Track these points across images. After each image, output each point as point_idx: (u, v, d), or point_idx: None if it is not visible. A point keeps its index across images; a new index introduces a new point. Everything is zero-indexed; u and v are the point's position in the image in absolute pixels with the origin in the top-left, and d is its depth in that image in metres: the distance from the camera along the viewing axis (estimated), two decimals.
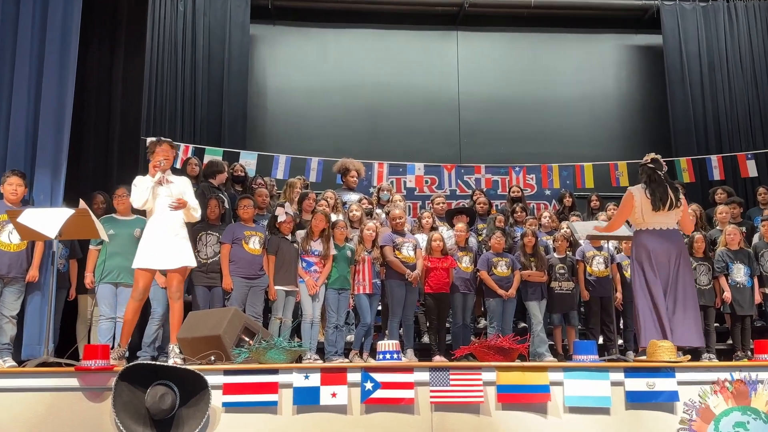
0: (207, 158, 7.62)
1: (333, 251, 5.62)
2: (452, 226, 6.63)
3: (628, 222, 5.31)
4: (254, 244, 5.46)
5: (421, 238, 6.24)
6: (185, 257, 4.49)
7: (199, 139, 8.74)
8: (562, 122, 9.97)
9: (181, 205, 4.43)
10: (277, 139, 9.55)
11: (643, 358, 4.44)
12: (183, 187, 4.61)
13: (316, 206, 6.15)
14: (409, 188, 8.92)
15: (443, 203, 7.17)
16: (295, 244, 5.62)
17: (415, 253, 5.90)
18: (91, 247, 5.44)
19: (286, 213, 5.62)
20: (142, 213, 4.82)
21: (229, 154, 8.26)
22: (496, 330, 5.80)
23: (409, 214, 8.57)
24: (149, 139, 4.75)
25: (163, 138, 4.69)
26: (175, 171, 4.91)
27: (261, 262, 5.46)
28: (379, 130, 9.85)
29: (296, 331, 5.52)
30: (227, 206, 5.94)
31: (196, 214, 4.58)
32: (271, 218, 5.74)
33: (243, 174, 6.99)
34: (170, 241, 4.45)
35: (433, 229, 6.40)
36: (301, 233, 5.69)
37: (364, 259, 5.72)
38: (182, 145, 8.02)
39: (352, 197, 7.10)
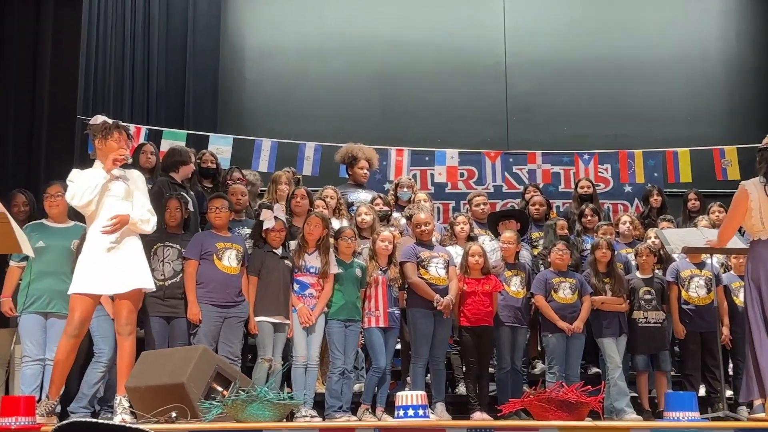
0: (165, 144, 7.68)
1: (335, 269, 5.67)
2: (497, 235, 6.64)
3: (740, 229, 5.29)
4: (230, 261, 5.50)
5: (455, 252, 6.24)
6: (140, 277, 4.56)
7: (154, 119, 8.83)
8: (648, 94, 9.95)
9: (117, 226, 4.55)
10: (260, 118, 9.63)
11: (762, 415, 4.44)
12: (135, 184, 4.72)
13: (310, 208, 6.17)
14: (439, 184, 8.95)
15: (485, 204, 7.18)
16: (286, 261, 5.66)
17: (447, 272, 5.91)
18: (11, 263, 5.51)
19: (275, 217, 5.64)
20: (82, 218, 4.90)
21: (195, 138, 8.33)
22: (557, 377, 5.80)
23: (438, 219, 8.59)
24: (97, 119, 4.81)
25: (119, 122, 4.83)
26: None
27: (239, 284, 5.50)
28: (396, 105, 9.89)
29: (287, 377, 5.54)
30: (192, 209, 5.99)
31: (147, 226, 4.69)
32: (255, 225, 5.76)
33: (214, 165, 7.03)
34: (119, 256, 4.52)
35: (471, 239, 6.41)
36: (293, 245, 5.76)
37: (378, 280, 5.76)
38: (132, 127, 8.08)
39: (362, 196, 7.14)
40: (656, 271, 6.33)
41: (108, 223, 4.52)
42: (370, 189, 7.44)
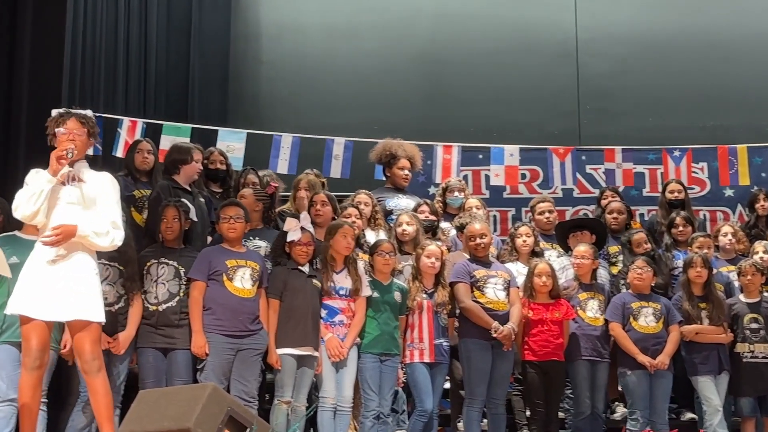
0: (167, 142, 7.76)
1: (367, 290, 5.71)
2: (567, 249, 6.63)
3: None
4: (243, 281, 5.50)
5: (517, 270, 6.23)
6: (85, 306, 4.58)
7: (153, 111, 8.94)
8: (753, 76, 9.83)
9: (59, 237, 4.57)
10: (279, 109, 9.75)
11: None
12: (100, 188, 4.76)
13: (335, 216, 6.23)
14: (495, 187, 8.94)
15: (551, 212, 7.17)
16: (315, 281, 5.70)
17: (508, 294, 5.92)
18: None
19: (302, 228, 5.68)
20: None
21: (201, 133, 8.38)
22: (641, 424, 5.76)
23: (495, 231, 8.60)
24: (55, 112, 4.93)
25: (70, 110, 4.86)
26: (109, 163, 5.01)
27: (255, 309, 5.51)
28: (443, 92, 9.92)
29: (313, 423, 5.54)
30: (195, 218, 6.04)
31: (103, 240, 4.69)
32: (279, 237, 5.81)
33: (224, 166, 7.10)
34: (63, 276, 4.57)
35: (537, 254, 6.40)
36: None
37: (423, 305, 5.79)
38: (125, 121, 8.20)
39: (402, 203, 7.17)
40: (765, 293, 6.26)
41: (48, 237, 4.56)
42: (412, 194, 7.46)
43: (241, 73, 9.83)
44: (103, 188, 4.76)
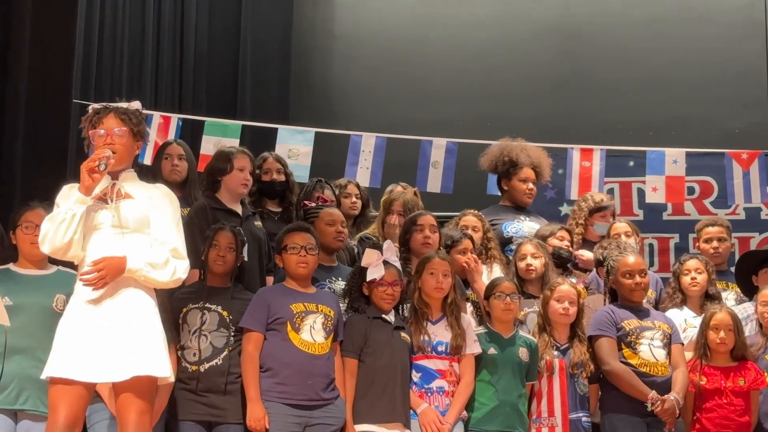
0: (209, 143, 7.94)
1: (476, 347, 5.76)
2: (749, 291, 6.56)
3: None
4: (314, 333, 5.52)
5: (683, 319, 6.20)
6: (148, 359, 4.57)
7: (191, 104, 9.20)
8: None
9: (103, 275, 4.56)
10: (358, 100, 9.88)
11: None
12: (154, 206, 4.79)
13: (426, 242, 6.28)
14: (653, 206, 8.91)
15: (724, 239, 7.13)
16: (403, 334, 5.71)
17: (669, 353, 5.90)
18: None
19: (384, 262, 5.71)
20: (69, 263, 5.00)
21: (255, 133, 8.56)
22: None
23: (652, 265, 8.60)
24: (90, 108, 4.97)
25: (110, 104, 4.89)
26: (143, 172, 5.08)
27: (329, 370, 5.54)
28: (580, 77, 10.00)
29: None
30: (245, 248, 6.10)
31: (164, 274, 4.69)
32: (353, 273, 5.86)
33: (282, 177, 7.16)
34: (114, 324, 4.58)
35: (711, 298, 6.36)
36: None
37: (554, 365, 5.82)
38: (156, 117, 8.32)
39: (526, 227, 7.23)
40: None
41: (86, 270, 4.58)
42: (537, 214, 7.48)
43: (308, 53, 9.91)
44: (158, 205, 4.81)
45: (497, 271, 6.46)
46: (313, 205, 6.68)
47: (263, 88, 9.48)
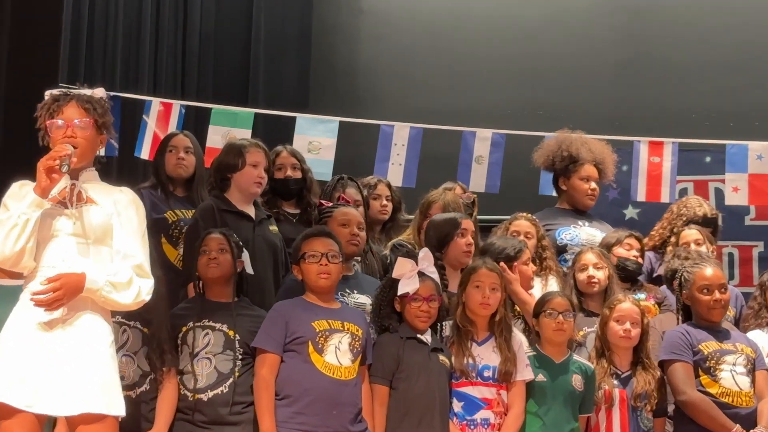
0: (216, 134, 8.00)
1: (527, 372, 5.76)
2: None
3: None
4: (340, 354, 5.47)
5: (766, 340, 6.19)
6: (101, 394, 4.54)
7: (196, 89, 9.27)
8: None
9: (58, 295, 4.47)
10: (388, 85, 9.91)
11: None
12: (118, 213, 4.75)
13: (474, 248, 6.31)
14: (733, 209, 8.73)
15: None
16: (442, 357, 5.67)
17: (752, 380, 5.89)
18: None
19: (419, 273, 5.67)
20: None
21: (269, 122, 8.62)
22: None
23: (732, 279, 8.56)
24: (47, 94, 4.92)
25: (70, 89, 4.90)
26: (130, 169, 4.97)
27: (357, 398, 5.51)
28: (648, 57, 9.98)
29: None
30: (249, 268, 6.01)
31: (126, 296, 4.64)
32: (384, 286, 5.83)
33: (299, 173, 7.12)
34: (66, 350, 4.54)
35: None
36: (448, 328, 5.84)
37: (613, 396, 5.83)
38: (154, 104, 8.35)
39: (584, 233, 7.26)
40: None
41: (39, 289, 4.49)
42: (600, 219, 7.49)
43: (330, 31, 9.90)
44: (122, 212, 4.76)
45: (553, 284, 6.47)
46: (330, 204, 6.56)
47: (279, 70, 9.53)
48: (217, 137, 7.93)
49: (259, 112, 8.55)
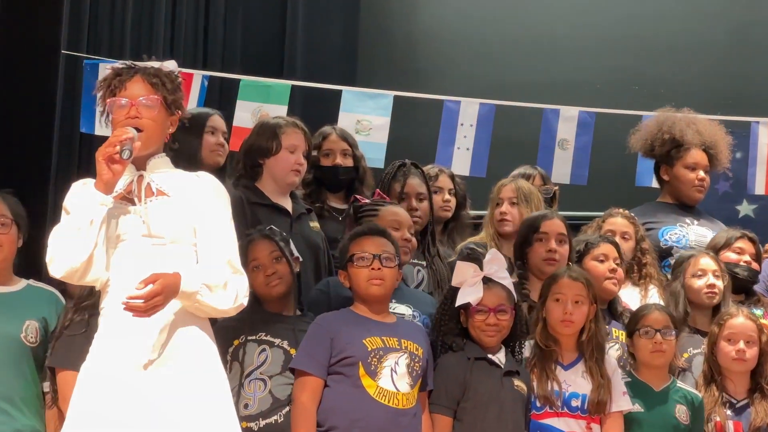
0: (244, 111, 8.09)
1: (624, 402, 5.75)
2: None
3: None
4: (397, 378, 5.43)
5: None
6: (214, 417, 4.58)
7: (221, 58, 9.40)
8: None
9: (158, 300, 4.45)
10: (451, 54, 9.96)
11: None
12: (202, 204, 4.77)
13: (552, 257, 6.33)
14: None
15: None
16: (517, 381, 5.67)
17: None
18: None
19: (485, 279, 5.68)
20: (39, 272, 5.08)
21: (310, 97, 8.68)
22: None
23: None
24: (110, 68, 4.89)
25: (135, 63, 4.85)
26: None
27: (417, 430, 5.51)
28: (764, 22, 9.95)
29: None
30: (296, 264, 6.04)
31: (226, 299, 4.66)
32: (446, 296, 5.83)
33: (350, 161, 7.13)
34: (166, 368, 4.55)
35: None
36: (527, 349, 5.86)
37: (726, 428, 5.88)
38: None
39: (691, 234, 7.24)
40: None
41: (135, 293, 4.43)
42: (710, 216, 7.48)
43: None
44: (204, 202, 4.79)
45: (654, 296, 6.47)
46: (367, 201, 6.53)
47: (321, 37, 9.49)
48: (246, 115, 7.99)
49: (297, 84, 8.58)
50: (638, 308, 6.05)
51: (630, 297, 6.43)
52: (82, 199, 4.55)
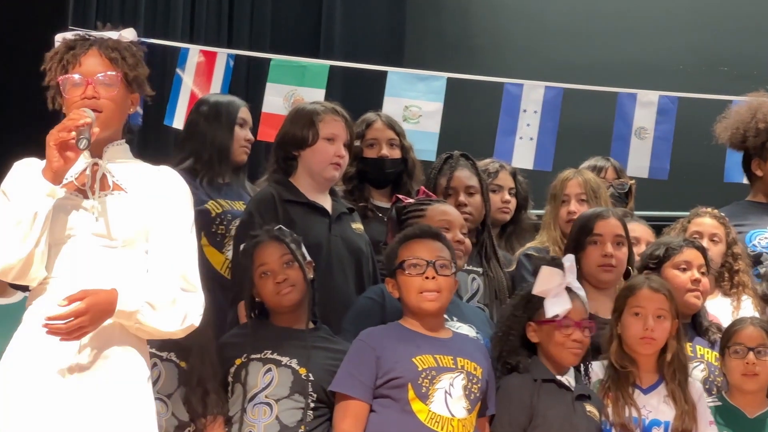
0: (275, 96, 8.08)
1: (711, 430, 5.72)
2: None
3: None
4: (451, 403, 5.39)
5: None
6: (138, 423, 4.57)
7: (248, 34, 9.45)
8: None
9: (83, 321, 4.38)
10: (511, 31, 10.00)
11: None
12: (160, 204, 4.73)
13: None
14: None
15: None
16: (589, 407, 5.66)
17: None
18: None
19: (569, 291, 5.66)
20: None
21: (347, 79, 8.71)
22: None
23: None
24: (60, 38, 4.87)
25: (90, 33, 4.84)
26: (159, 141, 4.97)
27: None
28: None
29: None
30: (311, 263, 6.04)
31: (170, 321, 4.60)
32: (515, 305, 5.81)
33: (397, 152, 7.14)
34: (87, 390, 4.52)
35: None
36: (597, 368, 5.87)
37: None
38: (192, 53, 8.46)
39: None
40: None
41: (56, 312, 4.39)
42: None
43: None
44: (162, 201, 4.73)
45: (748, 308, 6.41)
46: (411, 201, 6.46)
47: (364, 10, 9.49)
48: (277, 100, 8.02)
49: (336, 65, 8.60)
50: (731, 323, 6.02)
51: (720, 309, 6.41)
52: (26, 186, 4.49)
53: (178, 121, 7.96)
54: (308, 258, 5.87)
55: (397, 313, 5.73)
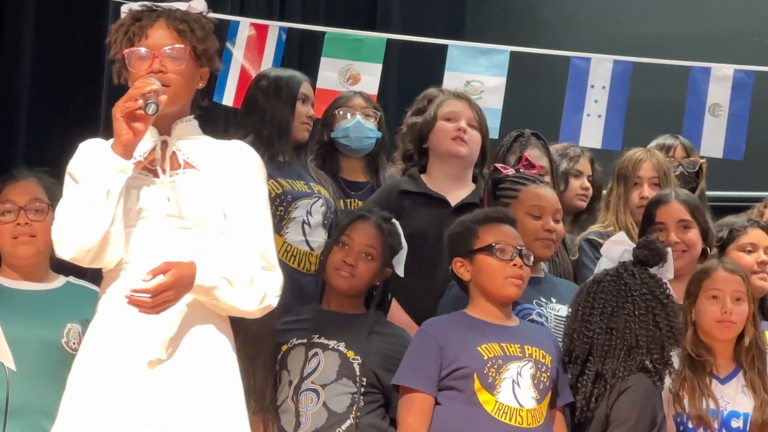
0: (330, 71, 8.13)
1: None
2: None
3: None
4: (519, 393, 5.40)
5: None
6: (224, 420, 4.56)
7: (302, 5, 9.51)
8: None
9: (168, 295, 4.39)
10: (585, 5, 10.07)
11: None
12: (236, 181, 4.72)
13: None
14: None
15: None
16: None
17: None
18: None
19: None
20: (80, 270, 5.05)
21: (404, 53, 8.75)
22: None
23: None
24: (126, 10, 4.86)
25: (156, 5, 4.81)
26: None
27: None
28: None
29: None
30: (402, 255, 6.08)
31: (246, 297, 4.60)
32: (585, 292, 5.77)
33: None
34: (173, 371, 4.52)
35: None
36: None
37: None
38: (243, 26, 8.52)
39: None
40: None
41: (141, 286, 4.38)
42: None
43: None
44: (237, 178, 4.73)
45: None
46: (511, 171, 6.45)
47: None
48: (332, 75, 8.05)
49: (394, 38, 8.60)
50: None
51: None
52: (96, 164, 4.49)
53: (228, 98, 7.97)
54: (395, 263, 5.87)
55: None
